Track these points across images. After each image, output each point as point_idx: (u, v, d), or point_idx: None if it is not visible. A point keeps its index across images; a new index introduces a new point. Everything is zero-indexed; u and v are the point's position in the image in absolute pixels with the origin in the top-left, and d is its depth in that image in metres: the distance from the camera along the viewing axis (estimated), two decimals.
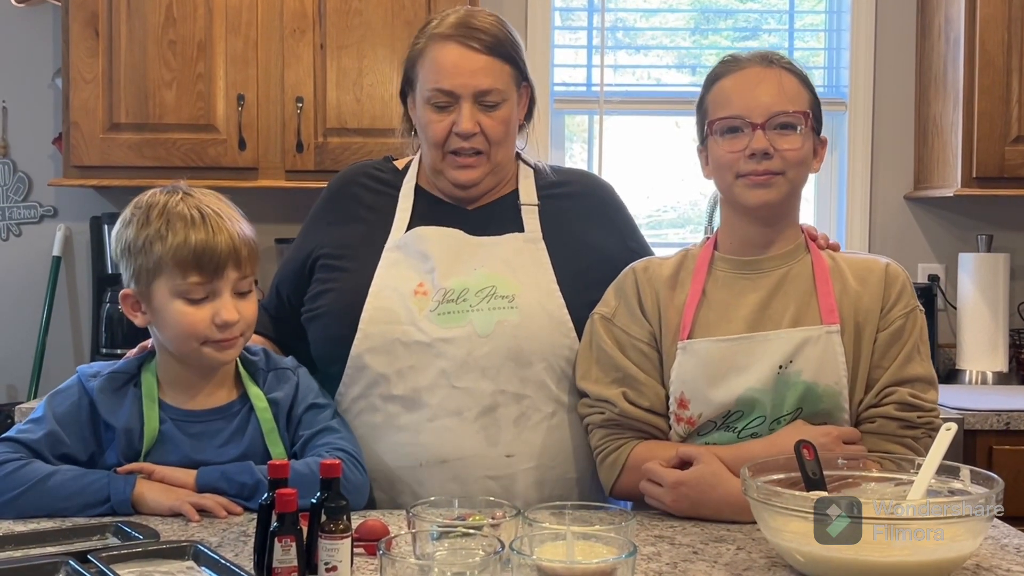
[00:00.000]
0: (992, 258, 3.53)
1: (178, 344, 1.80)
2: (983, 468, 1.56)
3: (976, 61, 3.32)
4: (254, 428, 1.84)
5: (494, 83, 1.97)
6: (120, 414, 1.81)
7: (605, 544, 1.36)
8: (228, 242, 1.78)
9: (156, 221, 1.77)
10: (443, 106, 1.97)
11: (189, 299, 1.77)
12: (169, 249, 1.75)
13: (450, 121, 1.97)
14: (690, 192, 3.89)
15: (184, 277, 1.76)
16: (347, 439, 1.88)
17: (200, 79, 3.21)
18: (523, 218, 2.05)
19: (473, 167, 2.00)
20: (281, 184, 3.26)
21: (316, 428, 1.86)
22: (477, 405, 1.92)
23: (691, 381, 1.84)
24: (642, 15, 3.90)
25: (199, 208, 1.79)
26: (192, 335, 1.78)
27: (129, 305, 1.83)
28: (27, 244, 3.64)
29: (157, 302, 1.79)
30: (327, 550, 1.37)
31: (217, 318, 1.77)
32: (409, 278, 1.97)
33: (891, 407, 1.79)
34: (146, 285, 1.79)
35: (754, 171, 1.81)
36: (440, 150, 2.00)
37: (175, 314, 1.77)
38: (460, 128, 1.96)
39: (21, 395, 3.58)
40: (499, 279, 1.96)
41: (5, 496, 1.73)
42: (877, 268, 1.87)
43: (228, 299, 1.79)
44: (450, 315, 1.93)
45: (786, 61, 1.88)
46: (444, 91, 1.96)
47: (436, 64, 1.97)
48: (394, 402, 1.95)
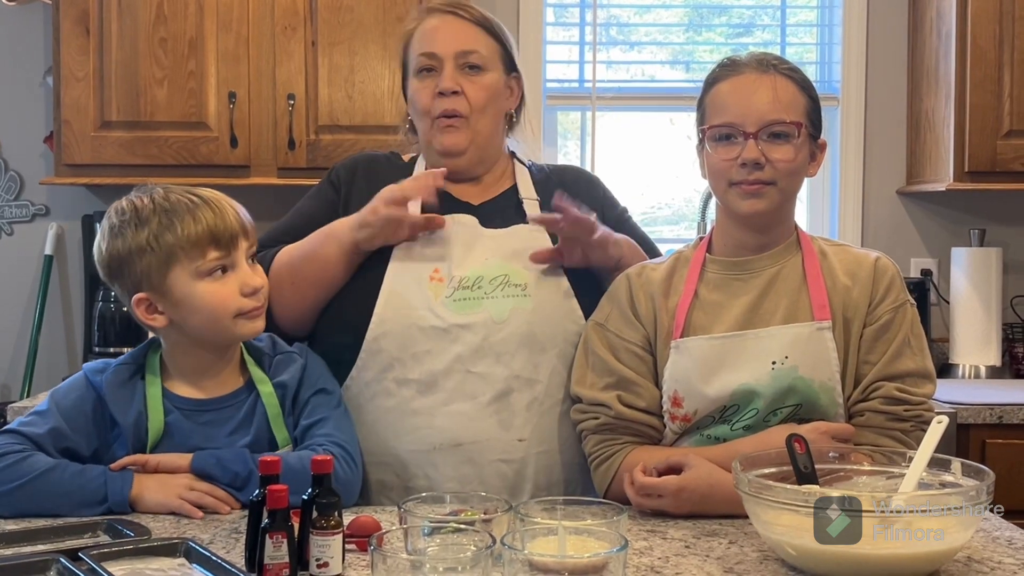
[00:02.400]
0: (985, 252, 3.53)
1: (211, 325, 1.79)
2: (976, 462, 1.56)
3: (968, 55, 3.32)
4: (261, 414, 1.84)
5: (476, 45, 2.04)
6: (129, 408, 1.80)
7: (597, 539, 1.36)
8: (234, 215, 1.80)
9: (154, 217, 1.77)
10: (428, 69, 2.02)
11: (212, 277, 1.77)
12: (182, 235, 1.75)
13: (434, 85, 2.02)
14: (684, 189, 3.89)
15: (204, 256, 1.76)
16: (344, 431, 1.86)
17: (191, 76, 3.20)
18: (526, 211, 2.07)
19: (456, 129, 2.03)
20: (273, 181, 3.25)
21: (316, 417, 1.85)
22: (491, 390, 1.94)
23: (684, 379, 1.84)
24: (635, 11, 3.90)
25: (193, 194, 1.80)
26: (225, 311, 1.78)
27: (144, 309, 1.79)
28: (19, 243, 3.63)
29: (179, 292, 1.77)
30: (318, 546, 1.37)
31: (245, 288, 1.79)
32: (424, 264, 1.99)
33: (877, 401, 1.79)
34: (160, 281, 1.77)
35: (745, 180, 1.81)
36: (428, 119, 2.03)
37: (203, 295, 1.77)
38: (443, 85, 2.00)
39: (14, 394, 3.57)
40: (511, 269, 1.99)
41: (3, 488, 1.71)
42: (867, 263, 1.87)
43: (247, 268, 1.81)
44: (466, 301, 1.96)
45: (785, 66, 1.87)
46: (427, 54, 2.02)
47: (422, 34, 2.06)
48: (408, 386, 1.95)
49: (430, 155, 2.09)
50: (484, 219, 2.05)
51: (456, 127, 2.02)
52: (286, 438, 1.84)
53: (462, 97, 2.01)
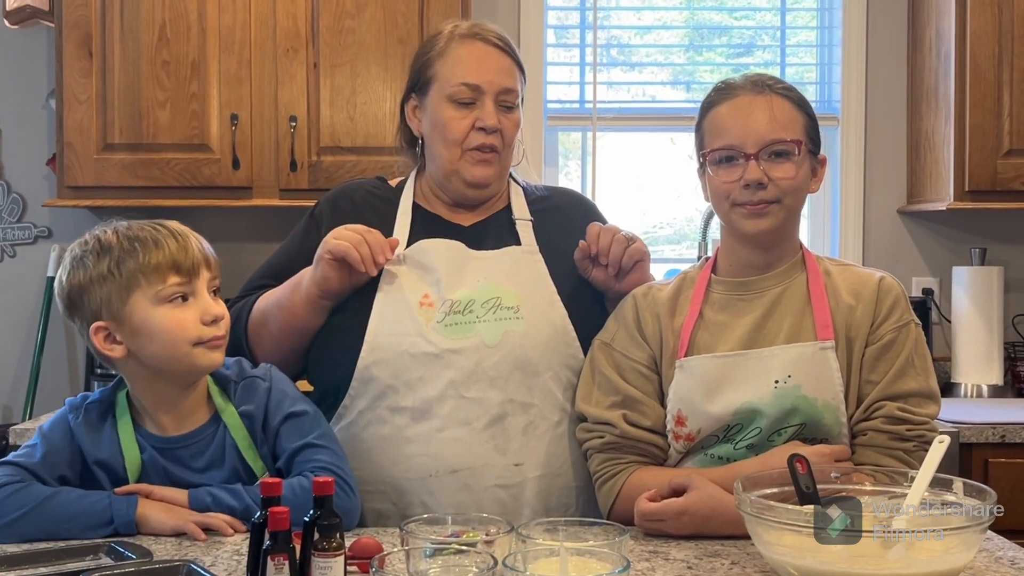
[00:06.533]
0: (986, 271, 3.53)
1: (169, 353, 1.76)
2: (979, 481, 1.56)
3: (967, 75, 3.33)
4: (232, 446, 1.81)
5: (515, 85, 2.04)
6: (102, 450, 1.80)
7: (599, 560, 1.36)
8: (198, 246, 1.79)
9: (117, 246, 1.76)
10: (466, 102, 2.00)
11: (172, 303, 1.75)
12: (144, 261, 1.74)
13: (472, 118, 1.99)
14: (686, 208, 3.90)
15: (164, 281, 1.74)
16: (333, 455, 1.82)
17: (194, 99, 3.22)
18: (519, 232, 2.07)
19: (490, 163, 2.03)
20: (275, 203, 3.26)
21: (298, 444, 1.81)
22: (486, 415, 1.93)
23: (687, 397, 1.85)
24: (636, 32, 3.92)
25: (157, 225, 1.80)
26: (183, 338, 1.75)
27: (102, 338, 1.77)
28: (22, 265, 3.64)
29: (138, 318, 1.75)
30: (320, 568, 1.37)
31: (205, 315, 1.76)
32: (413, 290, 1.98)
33: (879, 420, 1.79)
34: (120, 307, 1.74)
35: (749, 201, 1.82)
36: (459, 148, 2.01)
37: (162, 321, 1.75)
38: (486, 123, 1.99)
39: (16, 416, 3.57)
40: (503, 290, 1.97)
41: (8, 517, 1.71)
42: (871, 282, 1.87)
43: (208, 297, 1.79)
44: (457, 326, 1.94)
45: (780, 86, 1.88)
46: (471, 85, 1.99)
47: (464, 60, 2.01)
48: (402, 413, 1.94)
49: (451, 181, 2.05)
50: (474, 240, 2.04)
51: (490, 162, 2.02)
52: (262, 468, 1.81)
53: (498, 134, 2.01)
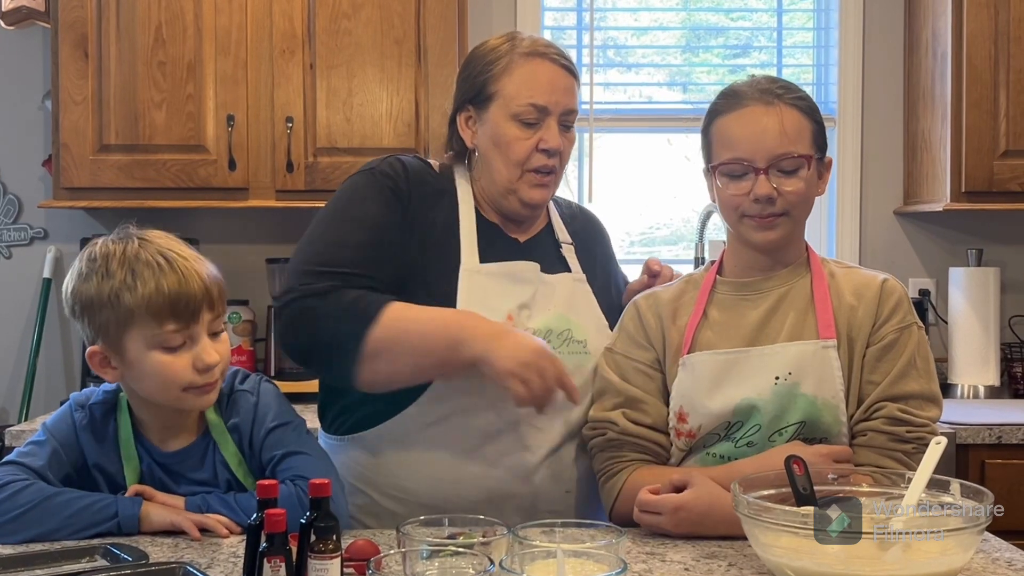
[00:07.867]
0: (982, 272, 3.54)
1: (159, 394, 1.76)
2: (976, 482, 1.56)
3: (964, 76, 3.34)
4: (222, 462, 1.82)
5: (576, 104, 2.01)
6: (103, 455, 1.81)
7: (596, 561, 1.36)
8: (200, 285, 1.74)
9: (119, 271, 1.71)
10: (531, 123, 1.95)
11: (167, 348, 1.72)
12: (141, 299, 1.70)
13: (536, 139, 1.95)
14: (682, 209, 3.90)
15: (160, 326, 1.71)
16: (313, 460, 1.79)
17: (190, 100, 3.21)
18: (565, 256, 2.06)
19: (547, 187, 2.00)
20: (271, 204, 3.26)
21: (280, 452, 1.79)
22: (548, 443, 1.95)
23: (688, 394, 1.86)
24: (633, 33, 3.92)
25: (163, 253, 1.74)
26: (174, 383, 1.74)
27: (97, 362, 1.76)
28: (17, 266, 3.64)
29: (132, 355, 1.73)
30: (317, 570, 1.36)
31: (198, 363, 1.74)
32: (496, 308, 1.90)
33: (879, 421, 1.79)
34: (116, 339, 1.73)
35: (759, 214, 1.82)
36: (519, 168, 1.96)
37: (154, 365, 1.73)
38: (550, 144, 1.95)
39: (12, 417, 3.57)
40: (572, 323, 1.98)
41: (11, 514, 1.70)
42: (874, 283, 1.87)
43: (206, 342, 1.75)
44: None
45: (789, 95, 1.85)
46: (539, 106, 1.94)
47: (532, 79, 1.95)
48: (471, 433, 1.92)
49: (507, 199, 1.99)
50: (528, 258, 2.01)
51: (547, 185, 1.99)
52: (252, 485, 1.81)
53: (559, 155, 1.98)
